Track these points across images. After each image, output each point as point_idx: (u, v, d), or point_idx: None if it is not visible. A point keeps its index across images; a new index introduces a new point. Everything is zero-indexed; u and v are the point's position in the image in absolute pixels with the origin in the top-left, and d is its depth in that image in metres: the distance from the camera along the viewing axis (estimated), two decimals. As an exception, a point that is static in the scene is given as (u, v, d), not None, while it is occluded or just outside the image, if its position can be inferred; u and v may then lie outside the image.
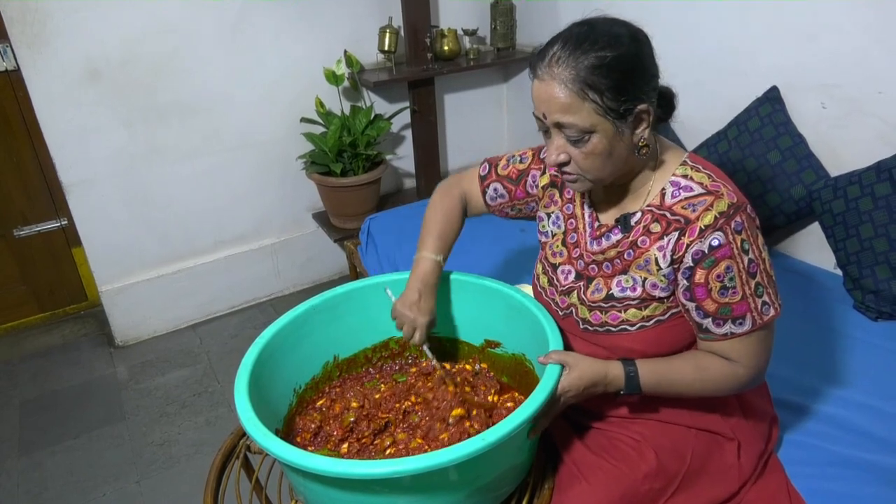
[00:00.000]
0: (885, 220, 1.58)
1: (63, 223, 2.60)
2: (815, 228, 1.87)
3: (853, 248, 1.66)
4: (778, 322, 1.02)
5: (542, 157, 1.22)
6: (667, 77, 1.02)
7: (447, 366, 1.30)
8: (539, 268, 1.23)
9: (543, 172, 1.21)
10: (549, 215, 1.21)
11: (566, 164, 0.99)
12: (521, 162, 1.24)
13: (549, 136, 1.00)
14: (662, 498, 1.08)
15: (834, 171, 1.77)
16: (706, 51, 2.04)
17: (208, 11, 2.29)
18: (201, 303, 2.71)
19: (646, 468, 1.07)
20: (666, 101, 1.03)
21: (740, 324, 0.98)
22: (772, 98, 1.86)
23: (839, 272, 1.77)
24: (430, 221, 1.26)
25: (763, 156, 1.85)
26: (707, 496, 1.10)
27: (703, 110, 2.07)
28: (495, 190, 1.26)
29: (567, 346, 1.14)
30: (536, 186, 1.22)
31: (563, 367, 1.01)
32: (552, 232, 1.20)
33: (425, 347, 1.21)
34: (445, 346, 1.36)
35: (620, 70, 0.91)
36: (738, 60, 1.97)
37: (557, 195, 1.19)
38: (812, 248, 1.91)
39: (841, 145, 1.77)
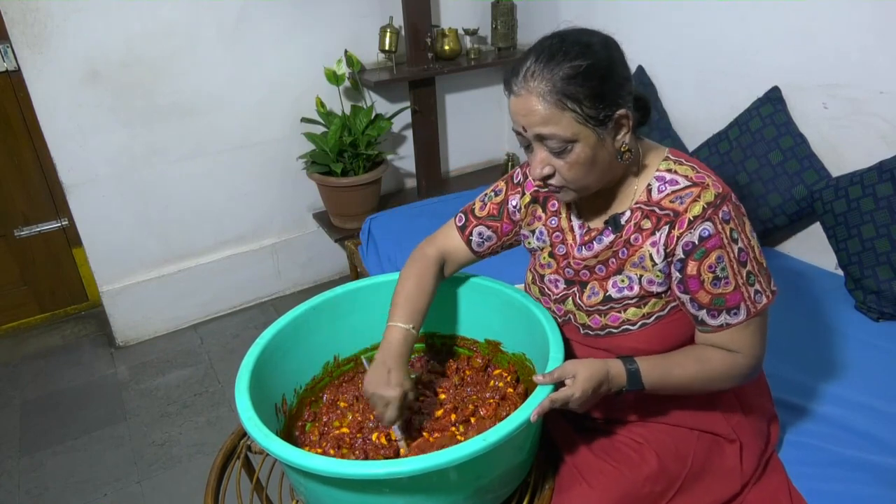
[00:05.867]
0: (886, 221, 1.58)
1: (63, 223, 2.60)
2: (816, 229, 1.86)
3: (854, 248, 1.65)
4: (779, 323, 1.03)
5: (515, 181, 1.21)
6: (668, 77, 1.02)
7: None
8: (529, 277, 1.23)
9: (522, 194, 1.19)
10: (532, 232, 1.19)
11: (551, 176, 1.00)
12: (496, 195, 1.22)
13: (530, 151, 1.00)
14: (663, 500, 1.07)
15: (835, 171, 1.77)
16: (707, 51, 2.04)
17: (208, 12, 2.29)
18: (202, 303, 2.71)
19: (647, 470, 1.07)
20: (641, 106, 1.03)
21: (735, 314, 0.99)
22: (773, 98, 1.85)
23: (840, 272, 1.77)
24: (400, 289, 1.18)
25: (764, 156, 1.84)
26: (709, 498, 1.10)
27: (704, 111, 2.07)
28: (480, 234, 1.23)
29: (567, 346, 1.13)
30: (518, 211, 1.20)
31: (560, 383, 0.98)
32: (538, 247, 1.19)
33: (395, 428, 1.08)
34: (446, 344, 1.36)
35: (596, 77, 0.92)
36: (739, 61, 1.96)
37: (540, 210, 1.18)
38: (813, 248, 1.90)
39: (842, 145, 1.77)
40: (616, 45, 0.98)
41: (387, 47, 2.51)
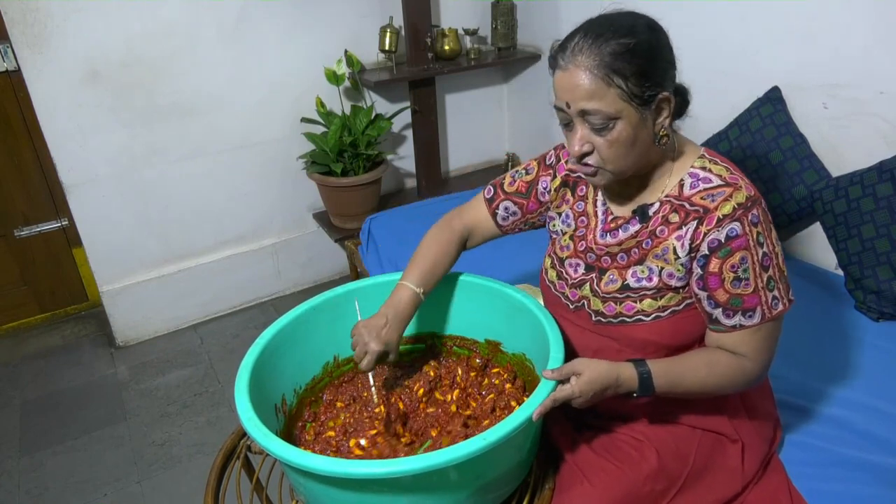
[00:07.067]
0: (886, 221, 1.58)
1: (63, 223, 2.61)
2: (816, 229, 1.86)
3: (855, 248, 1.65)
4: (779, 322, 1.02)
5: (547, 163, 1.22)
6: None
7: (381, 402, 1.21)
8: (547, 262, 1.23)
9: (554, 177, 1.20)
10: (559, 214, 1.20)
11: (589, 154, 0.99)
12: (527, 174, 1.23)
13: (570, 129, 1.00)
14: (665, 499, 1.08)
15: (835, 171, 1.77)
16: (707, 51, 2.04)
17: (208, 12, 2.29)
18: (202, 303, 2.71)
19: (648, 469, 1.07)
20: (681, 97, 1.04)
21: (750, 316, 0.99)
22: (773, 98, 1.85)
23: (840, 272, 1.77)
24: (420, 251, 1.24)
25: (764, 156, 1.84)
26: (710, 498, 1.10)
27: (704, 110, 2.05)
28: (506, 209, 1.25)
29: (567, 345, 1.13)
30: (548, 192, 1.21)
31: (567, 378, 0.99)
32: (562, 230, 1.20)
33: (371, 376, 1.17)
34: (446, 344, 1.36)
35: (643, 56, 0.93)
36: (739, 61, 1.96)
37: (569, 194, 1.19)
38: (813, 248, 1.90)
39: (842, 145, 1.76)
40: (661, 29, 0.99)
41: (387, 47, 2.51)
